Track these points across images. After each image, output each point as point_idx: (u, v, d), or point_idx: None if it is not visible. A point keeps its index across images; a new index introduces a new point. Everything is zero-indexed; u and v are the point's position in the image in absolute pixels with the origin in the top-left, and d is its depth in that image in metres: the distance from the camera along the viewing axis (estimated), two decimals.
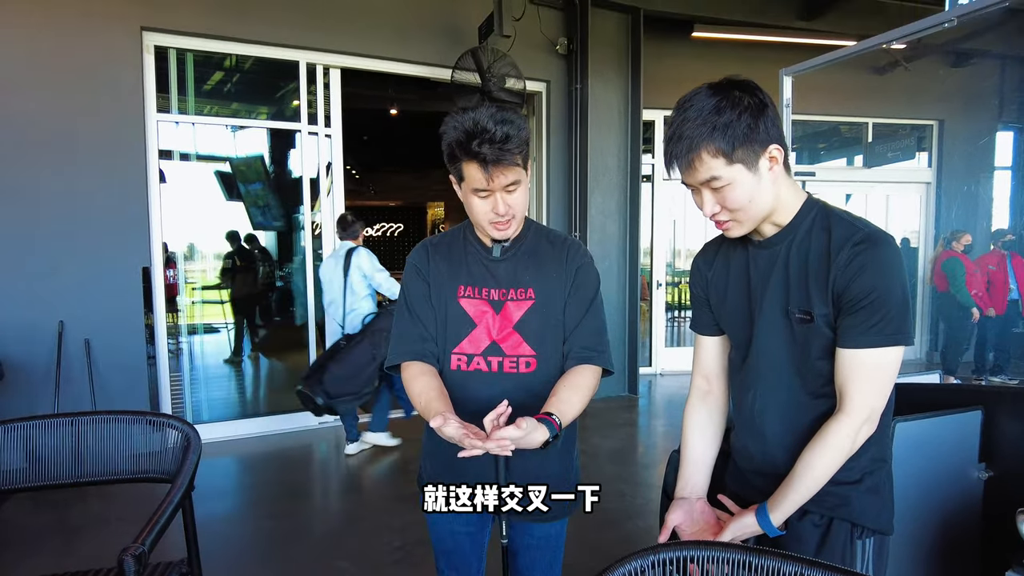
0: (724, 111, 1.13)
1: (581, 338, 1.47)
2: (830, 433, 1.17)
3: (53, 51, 4.07)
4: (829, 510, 1.24)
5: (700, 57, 6.74)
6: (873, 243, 1.14)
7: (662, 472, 2.36)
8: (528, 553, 1.56)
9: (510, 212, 1.38)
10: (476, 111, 1.33)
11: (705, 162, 1.14)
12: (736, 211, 1.19)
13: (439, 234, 1.58)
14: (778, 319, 1.25)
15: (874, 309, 1.13)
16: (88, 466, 1.75)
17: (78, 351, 4.15)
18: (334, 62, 5.05)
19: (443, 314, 1.47)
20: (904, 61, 7.09)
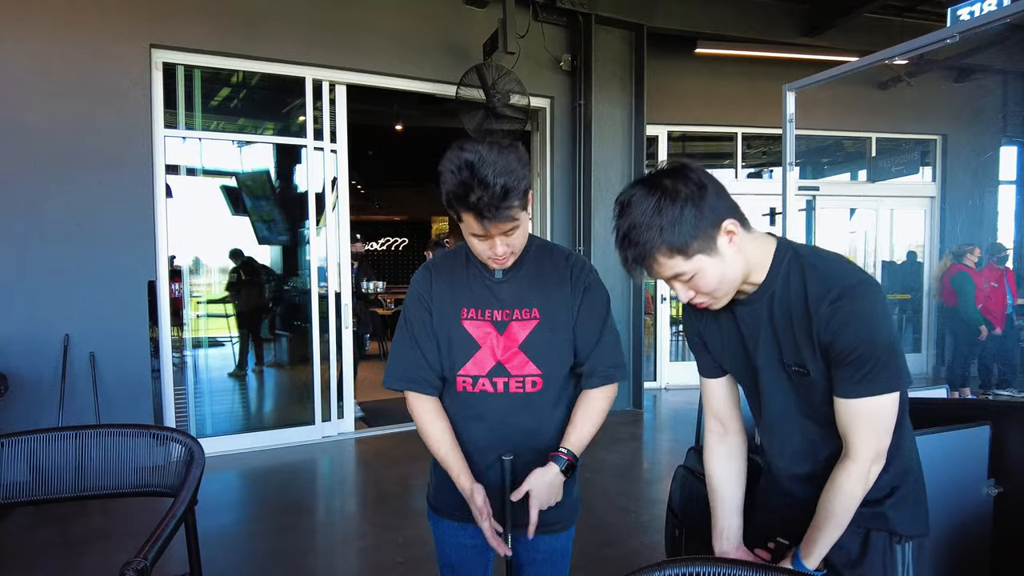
0: (665, 210, 1.11)
1: (604, 357, 1.48)
2: (842, 480, 1.20)
3: (63, 67, 4.13)
4: (865, 522, 1.27)
5: (703, 73, 6.80)
6: (851, 297, 1.12)
7: (667, 488, 2.34)
8: (533, 568, 1.54)
9: (508, 251, 1.38)
10: (474, 152, 1.26)
11: (663, 264, 1.15)
12: (711, 292, 1.20)
13: (440, 254, 1.58)
14: (777, 371, 1.27)
15: (863, 361, 1.13)
16: (91, 480, 1.75)
17: (83, 364, 4.16)
18: (340, 78, 5.10)
19: (447, 337, 1.47)
20: (907, 76, 7.13)
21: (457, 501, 1.48)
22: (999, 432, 1.92)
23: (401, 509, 3.71)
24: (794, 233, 3.09)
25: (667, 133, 7.08)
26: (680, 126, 7.17)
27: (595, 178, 5.85)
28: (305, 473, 4.56)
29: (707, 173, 1.16)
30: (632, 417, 5.81)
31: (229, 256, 5.57)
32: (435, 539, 1.61)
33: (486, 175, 1.24)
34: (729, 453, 1.42)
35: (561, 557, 1.57)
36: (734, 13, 6.26)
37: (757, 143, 7.63)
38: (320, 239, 5.22)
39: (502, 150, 1.28)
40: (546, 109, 6.00)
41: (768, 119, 6.07)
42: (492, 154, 1.26)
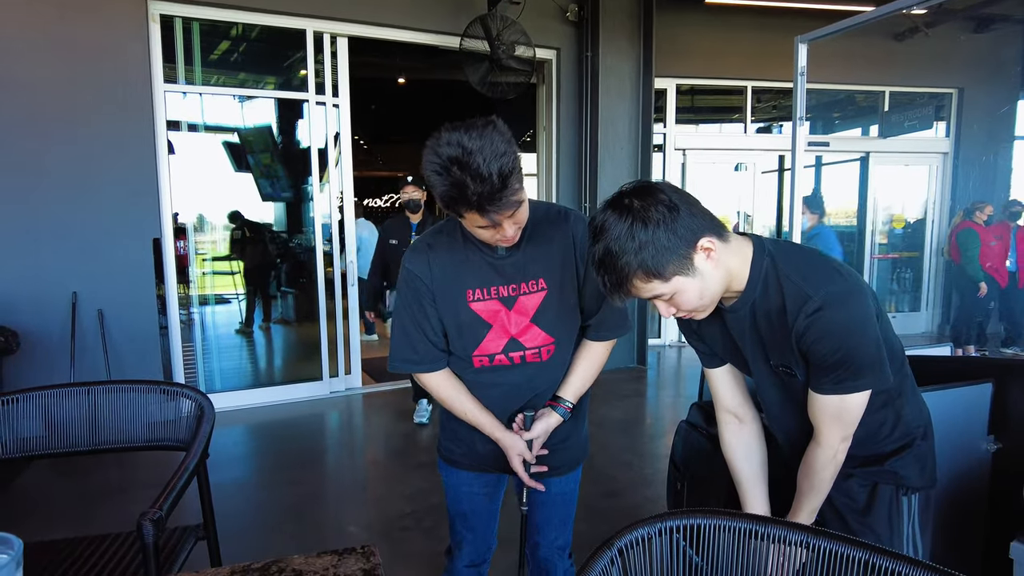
0: (637, 233, 1.08)
1: (610, 315, 1.50)
2: (812, 462, 1.27)
3: (57, 20, 4.03)
4: (871, 476, 1.33)
5: (714, 24, 6.60)
6: (827, 308, 1.12)
7: (670, 442, 2.38)
8: (543, 510, 1.62)
9: (517, 230, 1.33)
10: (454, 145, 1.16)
11: (641, 287, 1.13)
12: (691, 309, 1.19)
13: (433, 231, 1.49)
14: (766, 370, 1.30)
15: (838, 366, 1.16)
16: (105, 434, 1.78)
17: (92, 322, 4.20)
18: (341, 30, 4.98)
19: (456, 321, 1.44)
20: (924, 27, 6.90)
21: (468, 452, 1.57)
22: (1000, 389, 1.94)
23: (408, 462, 3.79)
24: (802, 189, 3.05)
25: (676, 86, 6.92)
26: (689, 79, 7.01)
27: (602, 132, 5.76)
28: (313, 428, 4.64)
29: (678, 191, 1.14)
30: (636, 373, 5.86)
31: (228, 219, 5.56)
32: (446, 487, 1.65)
33: (477, 166, 1.15)
34: (748, 444, 1.42)
35: (569, 498, 1.65)
36: None
37: (767, 97, 7.47)
38: (324, 195, 5.19)
39: (483, 132, 1.18)
40: (552, 61, 5.86)
41: (779, 72, 5.92)
42: (475, 141, 1.16)
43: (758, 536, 1.03)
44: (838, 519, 1.34)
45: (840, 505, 1.34)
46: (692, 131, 7.42)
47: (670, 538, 1.04)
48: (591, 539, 1.67)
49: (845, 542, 0.96)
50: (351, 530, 2.97)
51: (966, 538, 1.97)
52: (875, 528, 1.32)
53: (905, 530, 1.32)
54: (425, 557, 2.68)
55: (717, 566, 1.05)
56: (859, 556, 0.94)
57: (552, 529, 1.64)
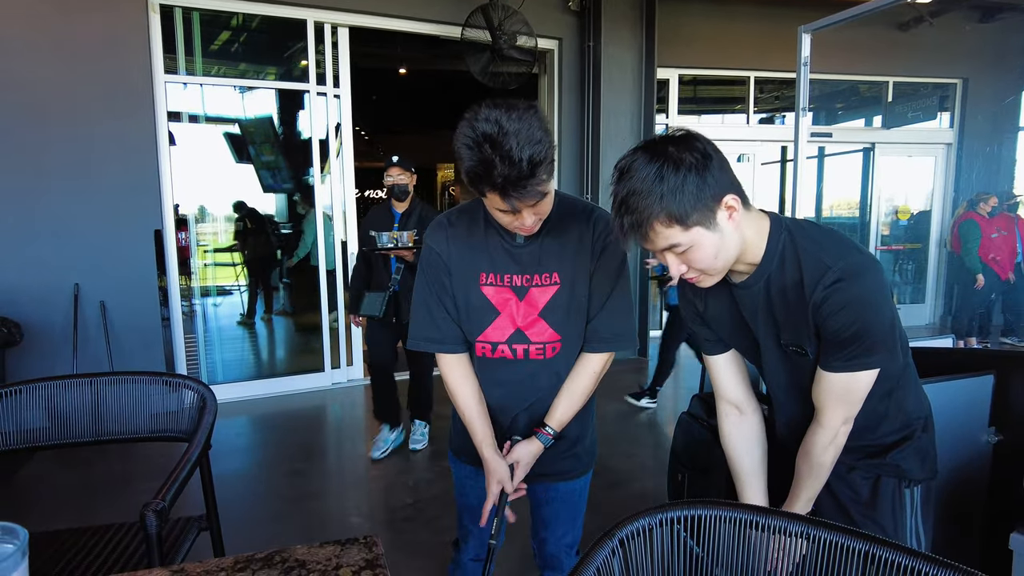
0: (667, 177, 1.06)
1: (608, 323, 1.44)
2: (812, 444, 1.25)
3: (57, 12, 4.02)
4: (874, 469, 1.32)
5: (716, 15, 6.56)
6: (847, 280, 1.11)
7: (671, 433, 2.38)
8: (551, 506, 1.60)
9: (537, 220, 1.32)
10: (492, 122, 1.15)
11: (660, 232, 1.09)
12: (704, 269, 1.16)
13: (457, 210, 1.49)
14: (776, 351, 1.28)
15: (852, 341, 1.14)
16: (108, 425, 1.79)
17: (94, 313, 4.20)
18: (342, 20, 4.95)
19: (465, 301, 1.43)
20: (929, 16, 6.85)
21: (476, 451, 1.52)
22: (1002, 381, 1.93)
23: (410, 452, 3.80)
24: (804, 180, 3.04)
25: (678, 77, 6.89)
26: (691, 69, 6.97)
27: (604, 123, 5.73)
28: (315, 419, 4.66)
29: (712, 144, 1.11)
30: (637, 365, 5.86)
31: (233, 208, 5.56)
32: (455, 481, 1.65)
33: (509, 148, 1.13)
34: (748, 436, 1.40)
35: (578, 498, 1.62)
36: None
37: (770, 87, 7.43)
38: (325, 186, 5.18)
39: (522, 116, 1.16)
40: (554, 51, 5.83)
41: (782, 63, 5.89)
42: (512, 122, 1.15)
43: (758, 527, 1.03)
44: (841, 512, 1.33)
45: (844, 498, 1.33)
46: (694, 122, 7.39)
47: (671, 529, 1.04)
48: (592, 530, 1.67)
49: (845, 533, 0.96)
50: (353, 520, 2.98)
51: (966, 529, 1.97)
52: (879, 520, 1.31)
53: (908, 522, 1.32)
54: (427, 547, 2.69)
55: (718, 557, 1.05)
56: (859, 547, 0.94)
57: (560, 525, 1.62)
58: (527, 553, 1.71)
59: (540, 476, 1.52)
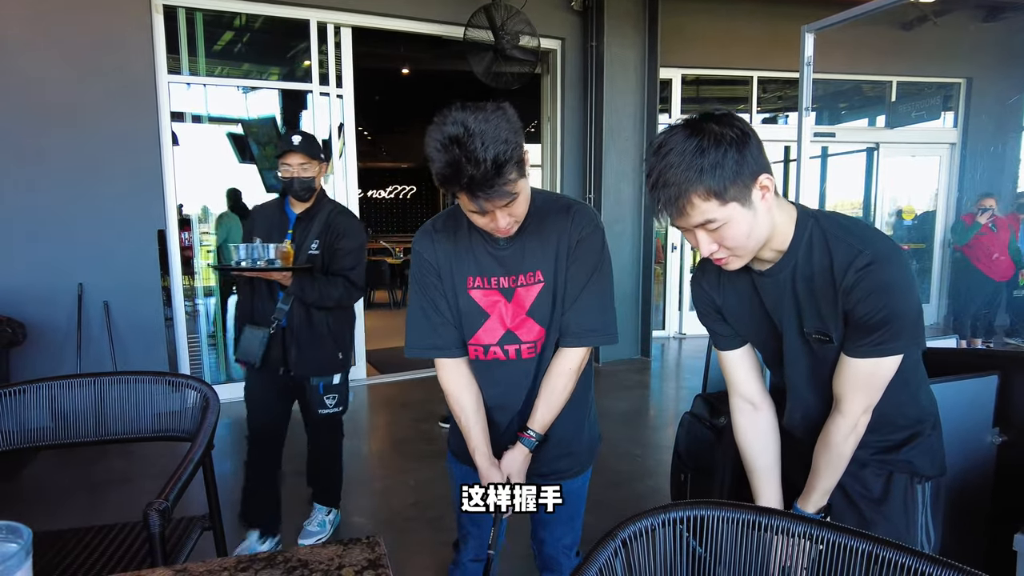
0: (708, 151, 1.07)
1: (580, 316, 1.42)
2: (832, 434, 1.24)
3: (60, 11, 4.03)
4: (886, 465, 1.31)
5: (719, 14, 6.55)
6: (878, 263, 1.12)
7: (673, 433, 2.38)
8: None
9: (512, 221, 1.32)
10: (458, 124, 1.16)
11: (697, 206, 1.09)
12: (735, 247, 1.16)
13: (443, 215, 1.50)
14: (798, 340, 1.27)
15: (880, 325, 1.14)
16: (111, 425, 1.79)
17: (97, 313, 4.22)
18: (345, 21, 4.96)
19: (455, 307, 1.45)
20: (933, 15, 6.83)
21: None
22: (1006, 382, 1.93)
23: (412, 453, 3.80)
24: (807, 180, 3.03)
25: (681, 77, 6.88)
26: (694, 69, 6.96)
27: (607, 122, 5.73)
28: None
29: (750, 125, 1.13)
30: (640, 365, 5.86)
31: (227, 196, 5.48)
32: (452, 482, 1.65)
33: (474, 149, 1.15)
34: (762, 430, 1.39)
35: (577, 497, 1.61)
36: None
37: (773, 87, 7.42)
38: (328, 186, 5.18)
39: (489, 117, 1.17)
40: (557, 51, 5.83)
41: (785, 62, 5.88)
42: (479, 123, 1.16)
43: (762, 527, 1.03)
44: (851, 508, 1.33)
45: (854, 494, 1.32)
46: None
47: (674, 529, 1.04)
48: (594, 530, 1.67)
49: (850, 534, 0.96)
50: (356, 520, 2.98)
51: (970, 530, 1.96)
52: (890, 517, 1.30)
53: (919, 519, 1.32)
54: (430, 547, 2.69)
55: (721, 558, 1.05)
56: (864, 548, 0.93)
57: (558, 525, 1.61)
58: (528, 554, 1.70)
59: (537, 476, 1.52)
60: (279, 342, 2.49)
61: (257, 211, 2.69)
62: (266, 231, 2.50)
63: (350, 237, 2.50)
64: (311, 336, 2.49)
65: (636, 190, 6.00)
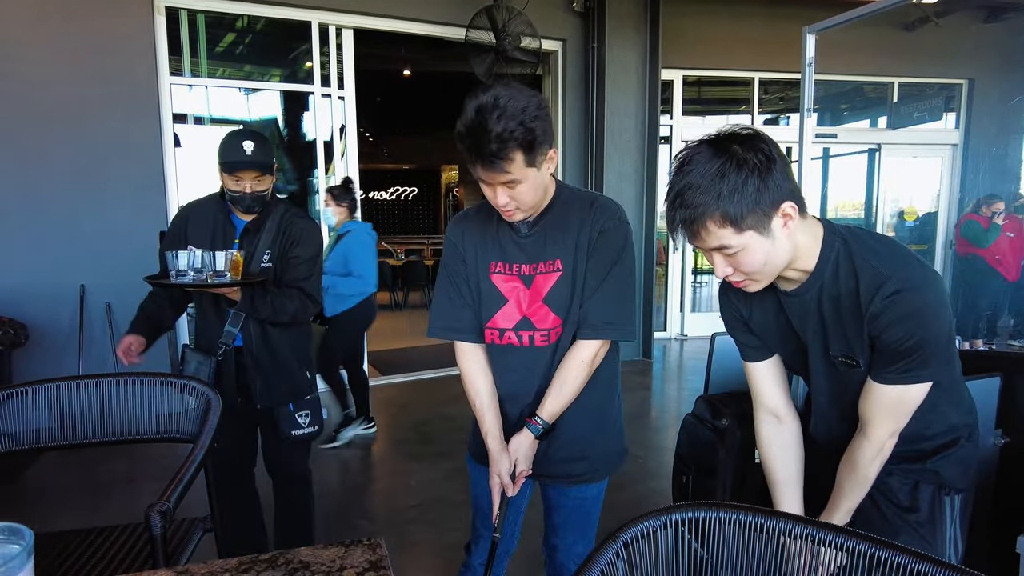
0: (728, 175, 1.04)
1: (598, 308, 1.43)
2: (857, 457, 1.21)
3: (62, 13, 4.04)
4: (913, 474, 1.28)
5: (721, 15, 6.55)
6: (907, 292, 1.08)
7: (675, 435, 2.38)
8: (561, 512, 1.60)
9: (511, 204, 1.35)
10: (492, 95, 1.24)
11: (712, 232, 1.08)
12: (751, 273, 1.14)
13: (477, 205, 1.56)
14: (823, 362, 1.25)
15: (908, 354, 1.11)
16: (113, 426, 1.79)
17: (99, 314, 4.22)
18: (347, 22, 4.97)
19: (476, 290, 1.50)
20: (935, 16, 6.83)
21: None
22: (1008, 383, 1.92)
23: (413, 454, 3.80)
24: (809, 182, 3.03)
25: (682, 78, 6.88)
26: (696, 70, 6.96)
27: (608, 123, 5.73)
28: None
29: (778, 147, 1.09)
30: (641, 367, 5.86)
31: None
32: (471, 483, 1.67)
33: (488, 119, 1.22)
34: (785, 443, 1.36)
35: (591, 506, 1.61)
36: None
37: (774, 88, 7.42)
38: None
39: (520, 99, 1.25)
40: (558, 52, 5.84)
41: (786, 63, 5.87)
42: (507, 100, 1.23)
43: (764, 529, 1.03)
44: (880, 516, 1.29)
45: (881, 503, 1.29)
46: (699, 123, 7.38)
47: (676, 531, 1.04)
48: (597, 532, 1.68)
49: (854, 536, 0.95)
50: (357, 522, 2.98)
51: (973, 532, 1.96)
52: (918, 527, 1.27)
53: (948, 531, 1.28)
54: (431, 549, 2.69)
55: (723, 560, 1.05)
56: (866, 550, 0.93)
57: (571, 532, 1.61)
58: (539, 559, 1.70)
59: (549, 478, 1.53)
60: (230, 369, 2.14)
61: (191, 212, 2.21)
62: (206, 240, 2.11)
63: (304, 244, 2.16)
64: (273, 361, 2.15)
65: (637, 191, 6.00)
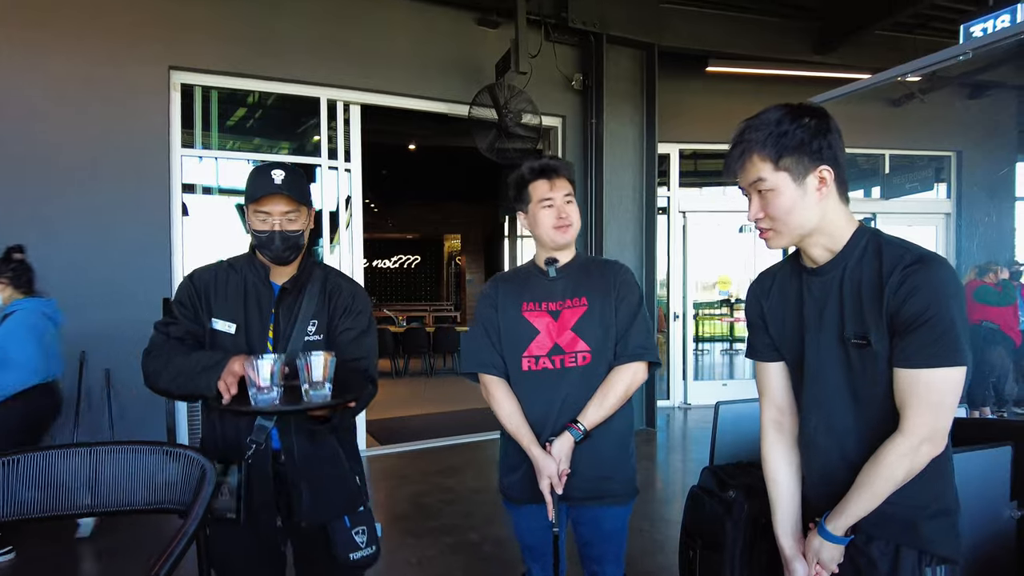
0: (784, 123, 1.22)
1: (633, 338, 1.79)
2: (887, 451, 1.18)
3: (83, 85, 4.22)
4: (895, 536, 1.24)
5: (715, 91, 6.81)
6: (925, 264, 1.16)
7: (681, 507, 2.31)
8: (601, 545, 1.85)
9: (569, 218, 1.81)
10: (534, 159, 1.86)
11: (754, 164, 1.24)
12: (776, 219, 1.25)
13: (509, 270, 2.03)
14: (835, 346, 1.27)
15: (928, 329, 1.14)
16: (105, 496, 1.75)
17: (98, 381, 4.19)
18: (355, 99, 5.17)
19: (513, 327, 1.81)
20: (920, 93, 7.10)
21: (522, 485, 1.80)
22: (1020, 453, 1.88)
23: (413, 528, 3.68)
24: None
25: (679, 151, 7.09)
26: (692, 144, 7.18)
27: (607, 196, 5.86)
28: None
29: (839, 134, 1.26)
30: (645, 436, 5.75)
31: None
32: (514, 524, 1.92)
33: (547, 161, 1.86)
34: (788, 444, 1.41)
35: (621, 533, 1.88)
36: (744, 31, 6.29)
37: None
38: (334, 257, 5.26)
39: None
40: (558, 128, 6.04)
41: None
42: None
43: None
44: None
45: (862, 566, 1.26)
46: (696, 194, 7.55)
47: None
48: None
49: None
50: None
51: None
52: None
53: None
54: None
55: None
56: None
57: (609, 563, 1.86)
58: None
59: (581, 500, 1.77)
60: (267, 476, 1.67)
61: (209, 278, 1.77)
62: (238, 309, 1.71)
63: (356, 313, 1.76)
64: (322, 465, 1.68)
65: (636, 260, 6.06)
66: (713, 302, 8.09)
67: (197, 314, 1.74)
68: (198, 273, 1.81)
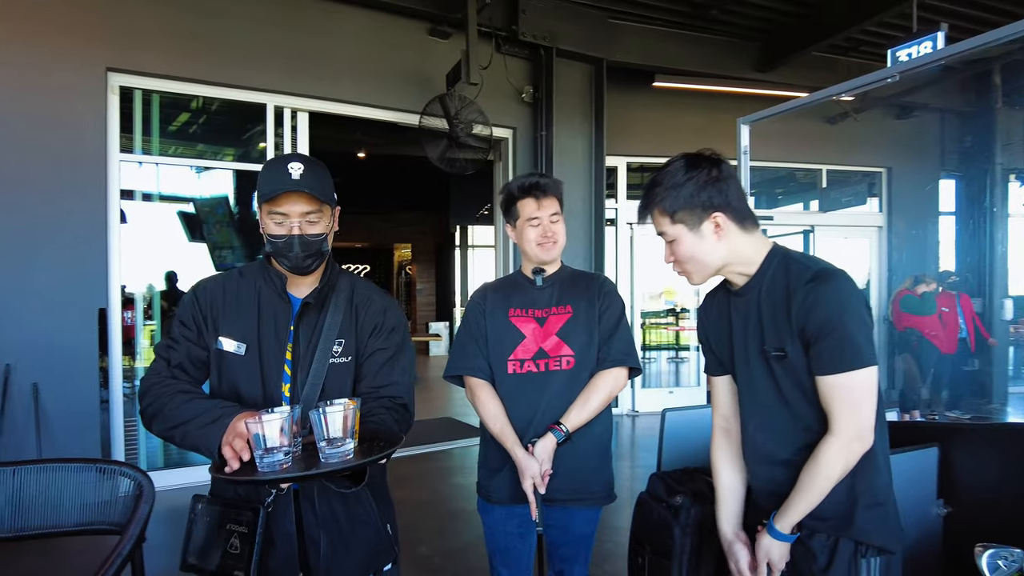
0: (678, 175, 1.34)
1: (615, 346, 1.87)
2: (822, 453, 1.28)
3: (14, 87, 4.02)
4: (833, 529, 1.33)
5: (661, 105, 6.98)
6: (822, 279, 1.27)
7: (629, 514, 2.34)
8: (571, 547, 1.92)
9: (554, 236, 1.90)
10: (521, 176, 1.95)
11: (656, 218, 1.39)
12: (684, 263, 1.39)
13: (498, 279, 2.10)
14: (759, 359, 1.38)
15: (832, 339, 1.24)
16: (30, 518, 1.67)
17: (24, 396, 3.96)
18: (302, 106, 5.08)
19: (499, 331, 1.88)
20: (853, 112, 7.46)
21: (503, 486, 1.85)
22: (947, 453, 1.99)
23: None
24: None
25: (626, 164, 7.23)
26: (639, 157, 7.33)
27: None
28: None
29: (735, 176, 1.37)
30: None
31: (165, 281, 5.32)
32: (484, 527, 1.95)
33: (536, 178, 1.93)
34: (732, 446, 1.53)
35: (590, 537, 1.97)
36: (690, 48, 6.48)
37: None
38: None
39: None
40: (508, 139, 6.08)
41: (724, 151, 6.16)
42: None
43: None
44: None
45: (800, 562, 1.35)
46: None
47: None
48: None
49: None
50: None
51: None
52: None
53: None
54: None
55: None
56: None
57: (578, 565, 1.93)
58: None
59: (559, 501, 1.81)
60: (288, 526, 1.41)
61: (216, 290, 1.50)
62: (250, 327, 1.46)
63: (387, 331, 1.53)
64: (352, 511, 1.46)
65: (587, 269, 6.13)
66: (659, 311, 8.26)
67: (201, 335, 1.46)
68: (203, 285, 1.52)
